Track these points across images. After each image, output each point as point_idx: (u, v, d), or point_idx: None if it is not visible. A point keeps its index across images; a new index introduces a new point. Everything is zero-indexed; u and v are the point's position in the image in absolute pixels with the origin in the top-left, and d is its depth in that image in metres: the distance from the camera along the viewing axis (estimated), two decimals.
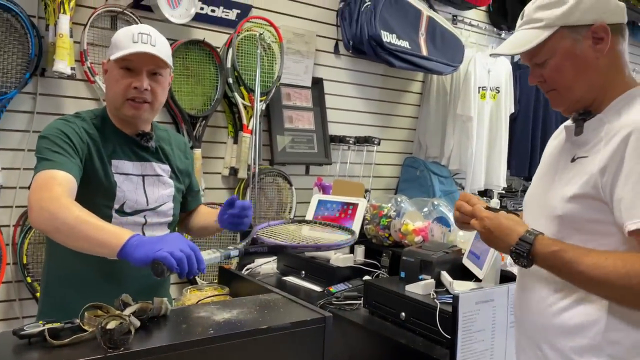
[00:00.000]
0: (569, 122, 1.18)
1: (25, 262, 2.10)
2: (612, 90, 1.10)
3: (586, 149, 1.09)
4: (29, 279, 2.11)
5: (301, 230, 1.38)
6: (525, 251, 1.06)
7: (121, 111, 1.37)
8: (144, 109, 1.37)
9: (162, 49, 1.37)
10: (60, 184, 1.20)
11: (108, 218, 1.33)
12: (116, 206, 1.35)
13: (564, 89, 1.12)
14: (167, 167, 1.47)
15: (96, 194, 1.32)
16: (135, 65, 1.34)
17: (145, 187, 1.41)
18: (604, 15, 1.08)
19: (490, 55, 1.49)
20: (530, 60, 1.15)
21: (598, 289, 1.02)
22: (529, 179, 3.71)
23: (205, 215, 1.63)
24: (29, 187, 1.27)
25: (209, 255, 1.10)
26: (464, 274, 1.76)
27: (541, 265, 1.07)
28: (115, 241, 1.09)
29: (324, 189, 2.68)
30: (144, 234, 1.39)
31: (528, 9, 1.15)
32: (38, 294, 2.10)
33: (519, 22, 1.17)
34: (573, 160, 1.12)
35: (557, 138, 1.24)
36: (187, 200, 1.58)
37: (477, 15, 3.78)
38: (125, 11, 2.35)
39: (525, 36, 1.12)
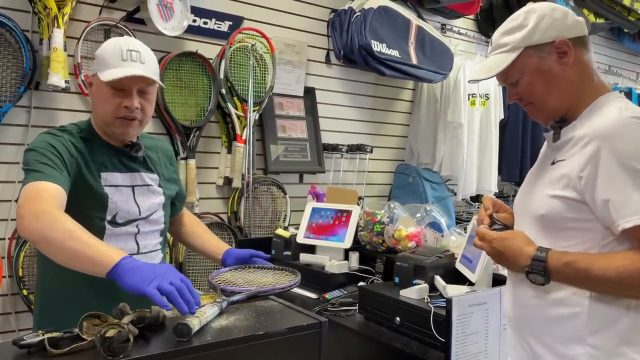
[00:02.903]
0: (549, 132, 1.26)
1: (21, 274, 2.10)
2: (584, 97, 1.18)
3: (563, 153, 1.16)
4: (24, 292, 2.11)
5: (254, 275, 1.43)
6: (542, 270, 1.10)
7: (111, 128, 1.37)
8: (133, 127, 1.38)
9: (151, 65, 1.37)
10: (52, 195, 1.19)
11: (101, 229, 1.34)
12: (108, 217, 1.35)
13: (539, 102, 1.21)
14: (155, 176, 1.47)
15: (88, 206, 1.32)
16: (125, 86, 1.33)
17: (136, 197, 1.41)
18: (564, 31, 1.17)
19: (469, 82, 1.57)
20: (504, 81, 1.24)
21: (613, 289, 1.07)
22: (519, 184, 3.73)
23: (210, 242, 1.62)
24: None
25: (211, 310, 1.11)
26: (457, 278, 1.78)
27: (556, 278, 1.11)
28: (106, 260, 1.09)
29: (318, 197, 2.70)
30: (137, 243, 1.40)
31: (495, 36, 1.25)
32: (34, 307, 2.10)
33: (489, 49, 1.27)
34: (553, 163, 1.18)
35: (543, 146, 1.32)
36: (175, 206, 1.59)
37: (465, 23, 3.84)
38: (118, 24, 2.37)
39: (495, 61, 1.21)
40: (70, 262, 1.14)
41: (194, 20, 2.62)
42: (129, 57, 1.33)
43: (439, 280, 1.75)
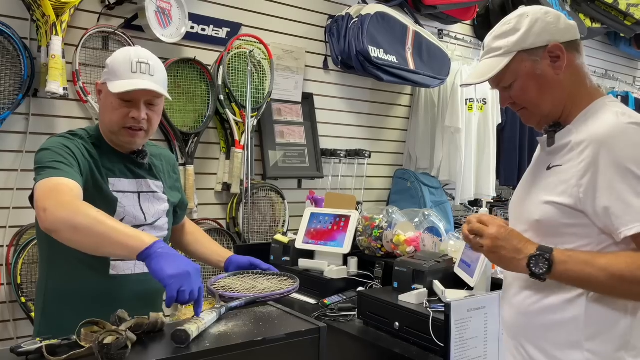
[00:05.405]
0: (542, 136, 1.25)
1: (19, 282, 2.10)
2: (578, 101, 1.18)
3: (559, 157, 1.16)
4: (23, 299, 2.10)
5: (252, 280, 1.43)
6: (547, 256, 1.07)
7: (117, 137, 1.40)
8: (139, 137, 1.40)
9: (160, 77, 1.40)
10: (71, 189, 1.22)
11: None
12: None
13: (533, 106, 1.20)
14: (160, 183, 1.50)
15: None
16: (133, 97, 1.36)
17: (141, 203, 1.43)
18: (556, 35, 1.17)
19: (461, 86, 1.58)
20: (497, 85, 1.23)
21: (614, 286, 1.05)
22: None
23: (213, 250, 1.64)
24: (31, 203, 1.28)
25: (210, 316, 1.11)
26: (456, 283, 1.78)
27: (558, 272, 1.08)
28: (137, 243, 1.11)
29: (317, 202, 2.71)
30: None
31: (487, 40, 1.24)
32: (33, 314, 2.09)
33: (481, 53, 1.26)
34: (548, 168, 1.18)
35: (537, 151, 1.32)
36: (177, 214, 1.61)
37: (462, 29, 3.86)
38: (116, 32, 2.38)
39: (488, 65, 1.21)
40: (100, 246, 1.16)
41: (192, 27, 2.63)
42: (138, 69, 1.35)
43: (437, 285, 1.75)
